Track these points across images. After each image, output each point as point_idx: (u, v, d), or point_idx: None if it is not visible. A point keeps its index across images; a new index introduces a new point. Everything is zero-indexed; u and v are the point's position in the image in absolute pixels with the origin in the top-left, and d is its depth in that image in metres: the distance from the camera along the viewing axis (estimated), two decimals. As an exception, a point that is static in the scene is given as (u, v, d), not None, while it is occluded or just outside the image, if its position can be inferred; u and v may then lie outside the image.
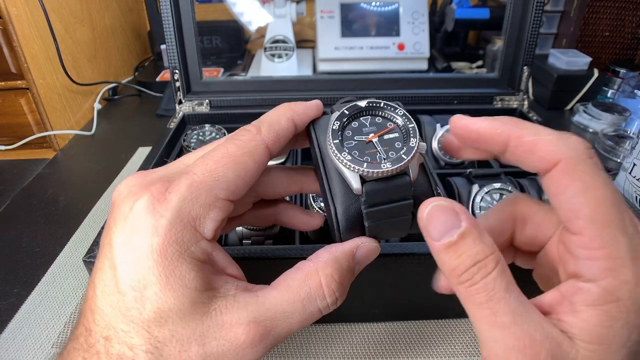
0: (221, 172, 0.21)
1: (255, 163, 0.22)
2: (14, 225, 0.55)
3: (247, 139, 0.23)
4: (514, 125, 0.20)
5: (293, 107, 0.25)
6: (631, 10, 0.91)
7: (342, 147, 0.22)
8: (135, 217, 0.19)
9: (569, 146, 0.18)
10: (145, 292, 0.18)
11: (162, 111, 0.85)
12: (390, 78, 0.66)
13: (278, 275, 0.22)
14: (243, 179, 0.22)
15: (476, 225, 0.19)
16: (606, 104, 0.80)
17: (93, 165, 0.69)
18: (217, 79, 0.66)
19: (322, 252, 0.22)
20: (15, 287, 0.46)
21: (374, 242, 0.23)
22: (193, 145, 0.54)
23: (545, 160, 0.19)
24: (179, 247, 0.19)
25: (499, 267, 0.18)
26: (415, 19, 0.87)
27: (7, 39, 0.65)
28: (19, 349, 0.39)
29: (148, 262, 0.19)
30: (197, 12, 0.59)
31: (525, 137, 0.19)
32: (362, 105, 0.24)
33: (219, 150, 0.22)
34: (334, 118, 0.24)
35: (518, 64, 0.61)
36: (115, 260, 0.19)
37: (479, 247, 0.18)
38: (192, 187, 0.20)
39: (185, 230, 0.20)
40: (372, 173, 0.21)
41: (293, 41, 0.85)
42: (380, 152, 0.22)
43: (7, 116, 0.72)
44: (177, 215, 0.20)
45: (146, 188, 0.20)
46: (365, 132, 0.23)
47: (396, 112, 0.24)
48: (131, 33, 1.07)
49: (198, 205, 0.20)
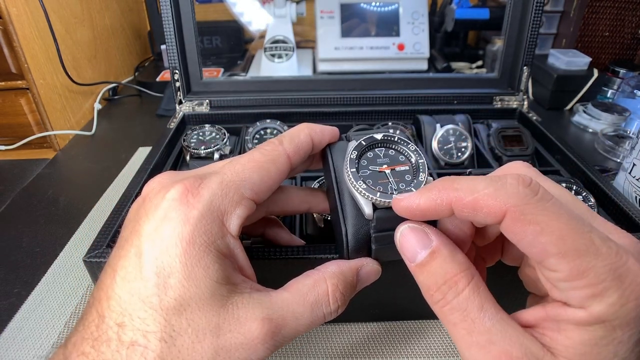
0: (247, 174, 0.23)
1: (277, 170, 0.25)
2: (14, 225, 0.55)
3: (270, 148, 0.25)
4: (449, 189, 0.19)
5: (311, 125, 0.27)
6: (631, 10, 0.91)
7: (358, 175, 0.24)
8: (168, 206, 0.21)
9: (508, 194, 0.18)
10: (169, 280, 0.19)
11: (162, 111, 0.85)
12: (390, 78, 0.66)
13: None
14: (266, 183, 0.24)
15: (447, 244, 0.20)
16: (606, 104, 0.80)
17: (93, 165, 0.69)
18: (217, 79, 0.66)
19: (330, 265, 0.24)
20: (15, 287, 0.46)
21: (377, 265, 0.25)
22: (193, 145, 0.54)
23: (491, 215, 0.18)
24: (207, 238, 0.20)
25: (472, 285, 0.18)
26: (415, 19, 0.87)
27: (8, 39, 0.65)
28: (19, 349, 0.39)
29: (176, 249, 0.19)
30: (197, 12, 0.59)
31: (464, 198, 0.19)
32: (378, 138, 0.26)
33: (246, 156, 0.24)
34: (352, 147, 0.26)
35: (518, 64, 0.61)
36: (143, 247, 0.20)
37: (449, 265, 0.19)
38: (222, 184, 0.22)
39: (214, 224, 0.21)
40: (384, 202, 0.23)
41: (293, 41, 0.85)
42: (392, 183, 0.24)
43: (7, 116, 0.72)
44: (208, 208, 0.21)
45: (179, 182, 0.22)
46: (379, 162, 0.25)
47: (408, 147, 0.26)
48: (131, 33, 1.07)
49: (227, 201, 0.22)
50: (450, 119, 0.56)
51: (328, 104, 0.62)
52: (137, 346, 0.18)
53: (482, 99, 0.62)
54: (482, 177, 0.19)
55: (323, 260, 0.33)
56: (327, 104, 0.62)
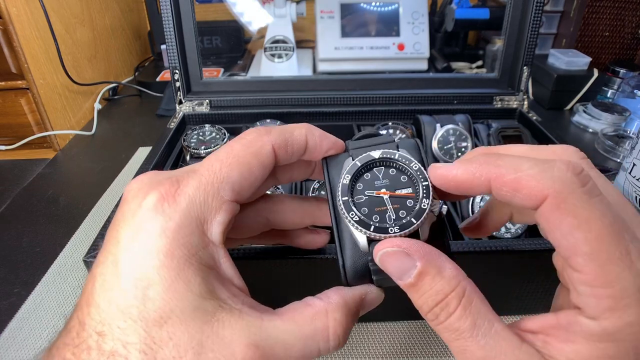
0: (226, 173, 0.21)
1: (259, 163, 0.22)
2: (14, 225, 0.55)
3: (252, 138, 0.22)
4: (491, 165, 0.18)
5: (312, 127, 0.24)
6: (631, 10, 0.91)
7: (350, 205, 0.22)
8: (143, 215, 0.19)
9: (553, 178, 0.17)
10: (148, 291, 0.18)
11: (162, 111, 0.85)
12: (390, 78, 0.66)
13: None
14: (248, 180, 0.22)
15: (433, 260, 0.19)
16: (606, 104, 0.80)
17: (93, 165, 0.69)
18: (217, 79, 0.66)
19: (333, 294, 0.22)
20: (15, 287, 0.46)
21: (380, 292, 0.23)
22: (193, 145, 0.54)
23: (531, 197, 0.17)
24: (187, 250, 0.19)
25: (463, 303, 0.18)
26: (415, 19, 0.87)
27: (8, 39, 0.65)
28: (19, 349, 0.39)
29: (153, 261, 0.18)
30: (197, 12, 0.59)
31: (506, 176, 0.18)
32: (375, 157, 0.23)
33: (224, 149, 0.22)
34: (346, 170, 0.23)
35: (518, 64, 0.61)
36: (120, 256, 0.19)
37: (439, 285, 0.18)
38: (199, 188, 0.20)
39: (193, 234, 0.19)
40: (380, 237, 0.21)
41: (293, 41, 0.85)
42: (391, 211, 0.22)
43: (7, 116, 0.72)
44: (186, 218, 0.19)
45: (156, 187, 0.20)
46: (377, 186, 0.23)
47: (411, 167, 0.22)
48: (131, 33, 1.07)
49: (206, 207, 0.20)
50: (451, 119, 0.56)
51: (328, 104, 0.62)
52: (117, 356, 0.17)
53: (482, 99, 0.62)
54: (527, 158, 0.18)
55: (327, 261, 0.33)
56: (327, 104, 0.62)
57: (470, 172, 0.19)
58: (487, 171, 0.18)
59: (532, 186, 0.17)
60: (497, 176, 0.18)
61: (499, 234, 0.44)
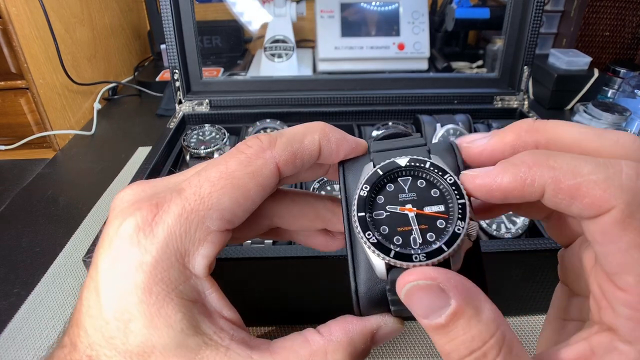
0: (215, 199, 0.18)
1: (258, 186, 0.19)
2: (14, 225, 0.55)
3: (252, 153, 0.19)
4: (544, 166, 0.15)
5: (327, 130, 0.20)
6: (631, 10, 0.91)
7: (368, 223, 0.18)
8: (119, 245, 0.18)
9: (622, 187, 0.14)
10: (130, 325, 0.17)
11: (162, 111, 0.85)
12: (390, 78, 0.66)
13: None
14: (242, 206, 0.19)
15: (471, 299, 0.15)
16: (606, 104, 0.80)
17: (93, 165, 0.69)
18: (217, 79, 0.66)
19: (337, 328, 0.19)
20: (15, 287, 0.46)
21: (398, 324, 0.19)
22: (193, 145, 0.54)
23: (593, 207, 0.15)
24: (166, 286, 0.18)
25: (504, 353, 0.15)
26: (415, 19, 0.87)
27: (7, 39, 0.65)
28: (18, 349, 0.39)
29: (132, 297, 0.17)
30: (197, 12, 0.59)
31: (563, 181, 0.15)
32: (401, 165, 0.19)
33: (218, 167, 0.19)
34: (364, 178, 0.19)
35: (518, 63, 0.61)
36: (100, 286, 0.18)
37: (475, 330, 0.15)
38: (181, 217, 0.18)
39: (172, 269, 0.18)
40: (402, 265, 0.17)
41: (293, 41, 0.85)
42: (416, 233, 0.18)
43: (7, 116, 0.72)
44: (164, 252, 0.18)
45: (134, 212, 0.18)
46: (402, 200, 0.19)
47: (445, 178, 0.18)
48: (131, 33, 1.07)
49: (187, 240, 0.18)
50: (451, 118, 0.56)
51: (328, 104, 0.62)
52: None
53: (483, 99, 0.62)
54: (587, 157, 0.15)
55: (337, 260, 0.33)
56: (327, 104, 0.62)
57: (519, 178, 0.16)
58: (539, 175, 0.15)
59: (596, 195, 0.15)
60: (554, 180, 0.15)
61: (499, 234, 0.44)
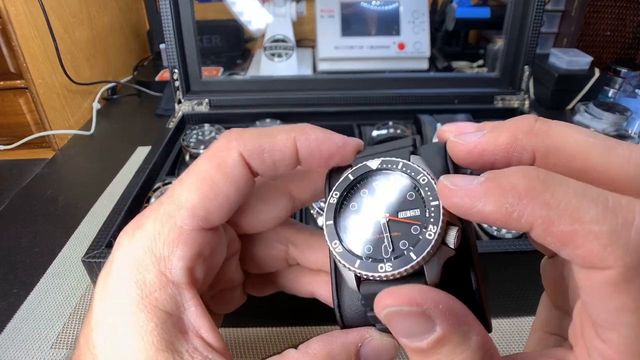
0: (183, 197, 0.18)
1: (225, 178, 0.18)
2: (13, 225, 0.55)
3: (218, 145, 0.19)
4: (536, 201, 0.13)
5: (307, 129, 0.19)
6: (632, 9, 0.91)
7: (335, 232, 0.17)
8: (115, 252, 0.18)
9: (628, 248, 0.12)
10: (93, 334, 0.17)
11: (161, 111, 0.85)
12: (390, 78, 0.66)
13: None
14: (214, 201, 0.18)
15: (459, 327, 0.14)
16: (607, 104, 0.80)
17: (92, 165, 0.69)
18: (216, 79, 0.66)
19: (315, 342, 0.17)
20: (14, 287, 0.46)
21: (387, 338, 0.17)
22: (192, 145, 0.53)
23: (585, 262, 0.12)
24: (140, 290, 0.17)
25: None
26: (415, 18, 0.86)
27: (6, 39, 0.65)
28: (18, 349, 0.39)
29: (101, 303, 0.17)
30: (196, 12, 0.59)
31: (558, 225, 0.12)
32: (372, 167, 0.18)
33: (190, 167, 0.19)
34: (335, 186, 0.18)
35: (519, 63, 0.61)
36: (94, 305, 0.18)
37: (461, 357, 0.13)
38: (156, 220, 0.18)
39: (147, 272, 0.17)
40: (367, 276, 0.16)
41: (293, 40, 0.85)
42: (387, 241, 0.16)
43: (6, 116, 0.71)
44: (141, 254, 0.17)
45: (134, 220, 0.19)
46: (374, 205, 0.17)
47: (418, 179, 0.16)
48: (130, 32, 1.07)
49: (161, 242, 0.18)
50: (451, 118, 0.56)
51: (328, 104, 0.62)
52: None
53: (483, 99, 0.62)
54: (593, 195, 0.12)
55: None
56: (327, 104, 0.62)
57: (505, 210, 0.13)
58: (530, 212, 0.13)
59: (593, 251, 0.12)
60: (545, 221, 0.13)
61: (499, 234, 0.44)
